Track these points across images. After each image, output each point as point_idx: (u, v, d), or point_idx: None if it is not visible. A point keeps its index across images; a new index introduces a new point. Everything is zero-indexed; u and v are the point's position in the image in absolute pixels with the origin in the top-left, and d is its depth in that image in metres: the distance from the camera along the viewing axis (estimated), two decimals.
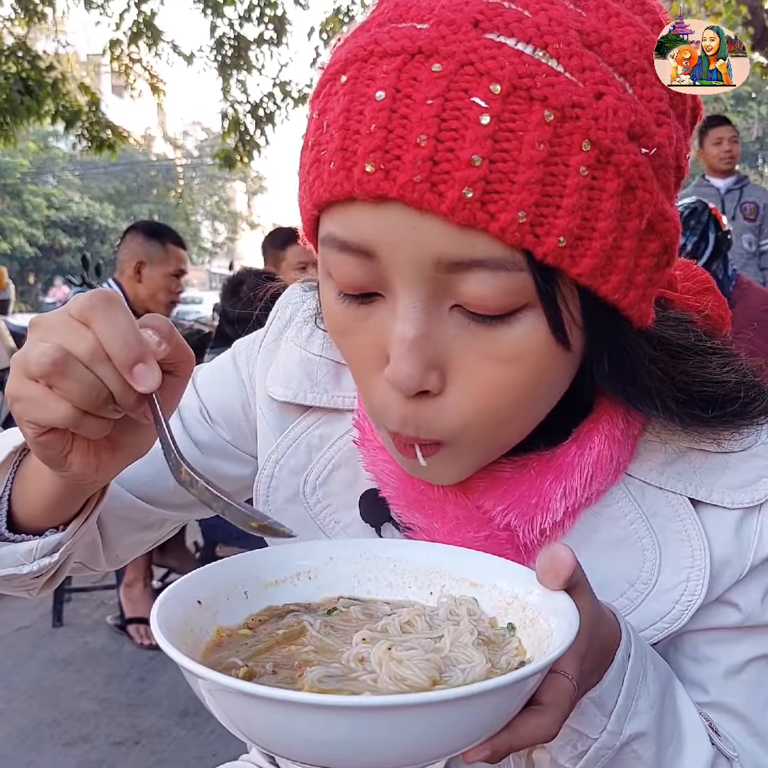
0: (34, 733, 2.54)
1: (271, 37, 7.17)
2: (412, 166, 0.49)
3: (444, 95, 0.49)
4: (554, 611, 0.52)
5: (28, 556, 0.64)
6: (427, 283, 0.53)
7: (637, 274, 0.55)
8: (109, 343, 0.50)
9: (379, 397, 0.58)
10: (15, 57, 6.49)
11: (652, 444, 0.68)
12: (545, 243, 0.50)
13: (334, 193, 0.52)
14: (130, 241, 3.11)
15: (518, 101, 0.49)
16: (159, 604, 0.51)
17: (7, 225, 25.67)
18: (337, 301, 0.58)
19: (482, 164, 0.48)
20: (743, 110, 24.51)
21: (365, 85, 0.51)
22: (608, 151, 0.50)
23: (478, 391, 0.56)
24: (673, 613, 0.66)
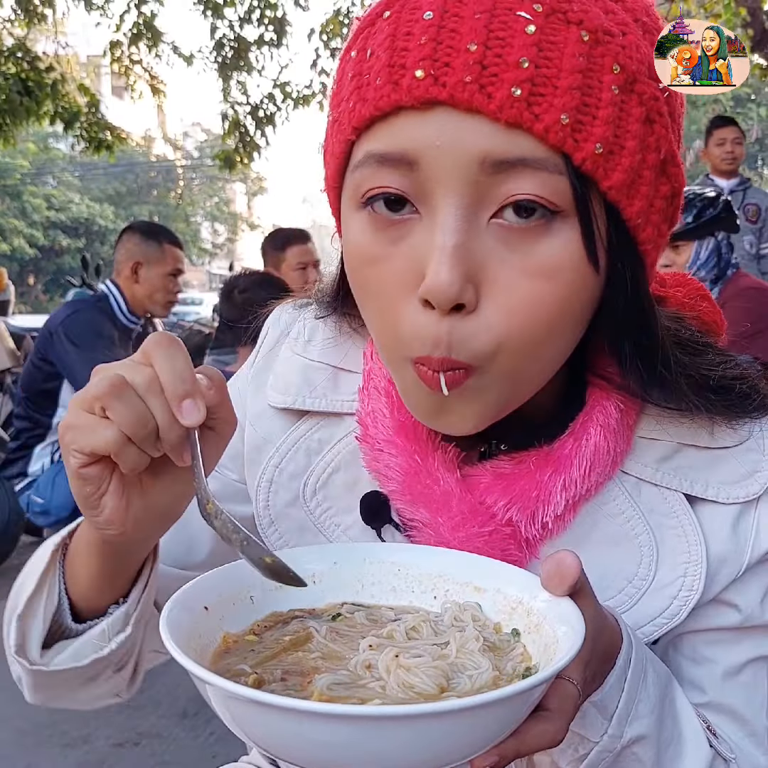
0: (34, 734, 2.54)
1: (271, 38, 7.18)
2: (462, 69, 0.52)
3: (491, 11, 0.53)
4: (559, 617, 0.52)
5: (103, 638, 0.66)
6: (470, 188, 0.54)
7: (653, 212, 0.58)
8: (164, 376, 0.53)
9: (409, 322, 0.58)
10: (15, 58, 6.49)
11: (647, 441, 0.69)
12: (584, 148, 0.53)
13: (380, 107, 0.54)
14: (127, 241, 3.12)
15: (557, 21, 0.53)
16: (167, 611, 0.51)
17: (6, 226, 25.67)
18: (369, 230, 0.58)
19: (529, 66, 0.52)
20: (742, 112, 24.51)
21: (410, 13, 0.55)
22: (633, 78, 0.55)
23: (513, 307, 0.56)
24: (671, 609, 0.67)
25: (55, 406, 2.99)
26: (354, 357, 0.76)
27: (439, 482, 0.67)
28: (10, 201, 26.40)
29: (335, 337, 0.78)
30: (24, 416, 3.03)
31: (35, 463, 3.01)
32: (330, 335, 0.78)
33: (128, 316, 3.07)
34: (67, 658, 0.66)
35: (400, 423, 0.69)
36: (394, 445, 0.69)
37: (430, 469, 0.68)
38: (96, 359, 2.83)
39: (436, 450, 0.69)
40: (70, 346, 2.87)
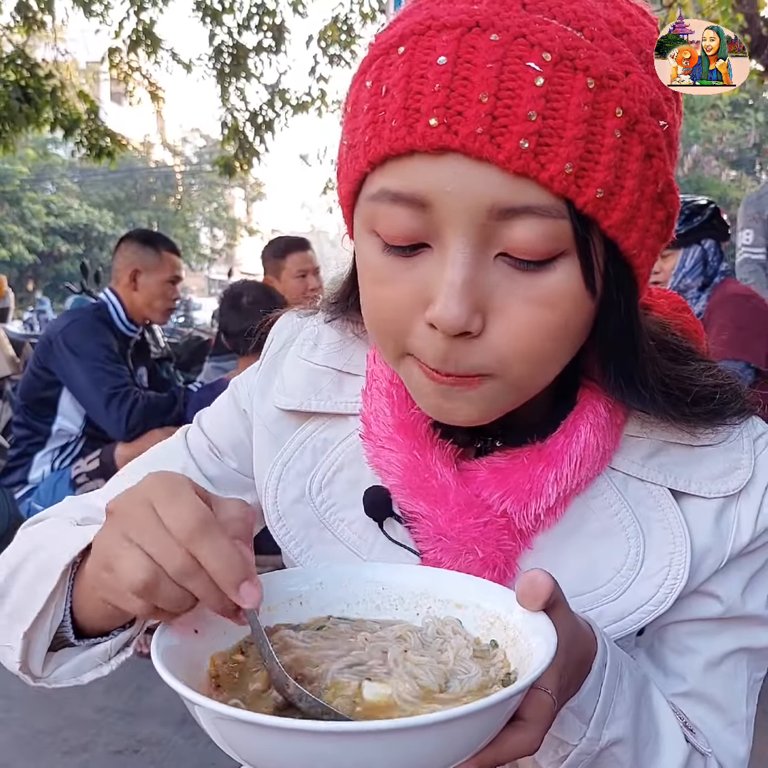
0: (34, 741, 2.53)
1: (270, 45, 7.18)
2: (474, 120, 0.54)
3: (502, 60, 0.55)
4: (534, 631, 0.55)
5: (104, 656, 0.68)
6: (478, 230, 0.57)
7: (648, 237, 0.62)
8: (212, 565, 0.52)
9: (416, 337, 0.62)
10: (14, 65, 6.48)
11: (634, 439, 0.73)
12: (586, 194, 0.56)
13: (395, 148, 0.57)
14: (125, 249, 3.12)
15: (565, 69, 0.55)
16: (158, 634, 0.52)
17: (6, 232, 25.70)
18: (382, 254, 0.62)
19: (537, 119, 0.54)
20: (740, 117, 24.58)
21: (425, 53, 0.57)
22: (635, 119, 0.57)
23: (516, 332, 0.60)
24: (658, 596, 0.70)
25: (54, 413, 2.99)
26: (357, 361, 0.80)
27: (436, 476, 0.71)
28: (9, 207, 26.43)
29: (339, 342, 0.81)
30: (23, 424, 3.03)
31: (35, 471, 3.00)
32: (334, 340, 0.82)
33: (127, 325, 3.07)
34: (67, 673, 0.69)
35: (400, 421, 0.73)
36: (394, 442, 0.73)
37: (428, 464, 0.72)
38: (95, 367, 2.85)
39: (434, 446, 0.73)
40: (69, 354, 2.87)
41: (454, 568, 0.70)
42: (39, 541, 0.74)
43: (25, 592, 0.69)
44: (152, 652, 0.49)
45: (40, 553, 0.71)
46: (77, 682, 0.69)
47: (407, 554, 0.73)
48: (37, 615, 0.66)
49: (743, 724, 0.76)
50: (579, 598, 0.70)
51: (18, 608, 0.69)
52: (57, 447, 2.99)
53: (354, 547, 0.75)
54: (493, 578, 0.70)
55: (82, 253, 26.80)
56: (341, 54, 7.27)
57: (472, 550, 0.70)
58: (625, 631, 0.71)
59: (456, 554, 0.70)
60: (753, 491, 0.71)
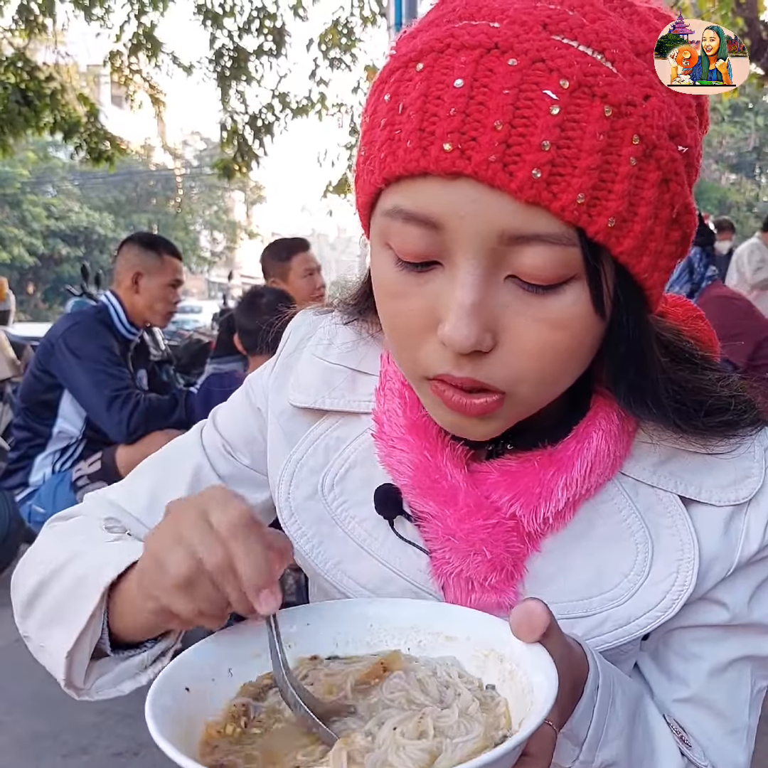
0: (34, 744, 2.53)
1: (270, 48, 7.19)
2: (488, 147, 0.54)
3: (518, 86, 0.54)
4: (532, 665, 0.54)
5: (141, 666, 0.71)
6: (488, 254, 0.58)
7: (661, 258, 0.61)
8: (242, 565, 0.55)
9: (428, 354, 0.63)
10: (14, 67, 6.50)
11: (645, 445, 0.73)
12: (597, 222, 0.56)
13: (409, 169, 0.57)
14: (127, 252, 3.12)
15: (582, 96, 0.54)
16: (151, 698, 0.52)
17: (6, 235, 25.71)
18: (395, 268, 0.62)
19: (550, 149, 0.54)
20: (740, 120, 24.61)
21: (443, 73, 0.57)
22: (653, 146, 0.56)
23: (526, 352, 0.61)
24: (664, 602, 0.70)
25: (55, 416, 2.99)
26: (371, 360, 0.81)
27: (447, 477, 0.71)
28: (9, 210, 26.44)
29: (354, 341, 0.82)
30: (23, 426, 3.03)
31: (36, 473, 3.00)
32: (349, 340, 0.83)
33: (128, 327, 3.07)
34: (107, 683, 0.72)
35: (412, 422, 0.74)
36: (406, 442, 0.74)
37: (438, 464, 0.72)
38: (97, 370, 2.85)
39: (445, 447, 0.73)
40: (71, 357, 2.87)
41: (462, 567, 0.70)
42: (73, 548, 0.76)
43: (61, 605, 0.72)
44: (147, 719, 0.49)
45: (77, 563, 0.73)
46: (117, 692, 0.72)
47: (417, 552, 0.73)
48: (79, 634, 0.68)
49: (744, 732, 0.76)
50: (586, 601, 0.70)
51: (54, 616, 0.72)
52: (58, 449, 2.98)
53: (364, 545, 0.76)
54: (500, 579, 0.70)
55: (83, 256, 26.81)
56: (342, 57, 7.29)
57: (480, 551, 0.70)
58: (631, 636, 0.71)
59: (464, 555, 0.70)
60: (763, 500, 0.71)
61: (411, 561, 0.74)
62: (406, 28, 0.64)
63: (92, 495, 0.89)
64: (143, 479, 0.88)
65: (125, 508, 0.85)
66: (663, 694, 0.76)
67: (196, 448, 0.88)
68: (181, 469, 0.86)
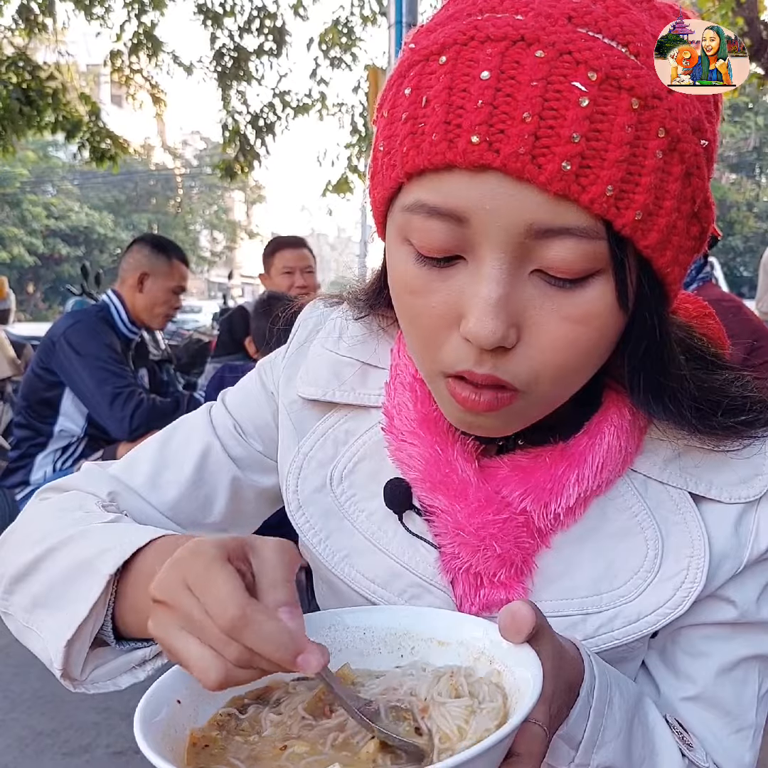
0: (34, 743, 2.53)
1: (271, 48, 7.20)
2: (516, 139, 0.53)
3: (546, 78, 0.54)
4: (517, 663, 0.54)
5: (140, 661, 0.68)
6: (515, 248, 0.57)
7: (682, 253, 0.61)
8: (263, 651, 0.49)
9: (450, 351, 0.62)
10: (15, 67, 6.50)
11: (656, 441, 0.73)
12: (625, 215, 0.55)
13: (434, 162, 0.56)
14: (137, 252, 3.13)
15: (610, 89, 0.54)
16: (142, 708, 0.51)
17: (6, 234, 25.71)
18: (416, 264, 0.61)
19: (580, 141, 0.53)
20: (740, 120, 24.60)
21: (468, 66, 0.56)
22: (677, 139, 0.56)
23: (550, 346, 0.60)
24: (674, 599, 0.70)
25: (56, 414, 2.99)
26: (382, 353, 0.81)
27: (457, 471, 0.71)
28: (9, 209, 26.44)
29: (365, 334, 0.82)
30: (24, 425, 3.03)
31: (37, 472, 3.00)
32: (359, 333, 0.82)
33: (129, 326, 3.08)
34: (104, 676, 0.69)
35: (422, 416, 0.74)
36: (416, 436, 0.73)
37: (449, 458, 0.72)
38: (99, 367, 2.85)
39: (456, 442, 0.73)
40: (73, 354, 2.87)
41: (471, 562, 0.70)
42: (70, 526, 0.72)
43: (59, 587, 0.69)
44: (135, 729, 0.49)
45: (75, 544, 0.70)
46: (114, 686, 0.69)
47: (426, 547, 0.73)
48: (81, 623, 0.65)
49: (751, 731, 0.75)
50: (596, 598, 0.70)
51: (49, 599, 0.69)
52: (59, 448, 2.99)
53: (373, 539, 0.75)
54: (510, 575, 0.70)
55: (83, 255, 26.81)
56: (342, 57, 7.30)
57: (490, 546, 0.70)
58: (640, 633, 0.70)
59: (474, 549, 0.70)
60: None
61: (420, 555, 0.73)
62: (422, 24, 0.63)
63: (92, 466, 0.87)
64: (147, 454, 0.86)
65: (126, 481, 0.83)
66: (670, 691, 0.76)
67: (206, 428, 0.87)
68: (187, 448, 0.86)
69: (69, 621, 0.66)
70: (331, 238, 58.29)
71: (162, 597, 0.53)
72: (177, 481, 0.83)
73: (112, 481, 0.83)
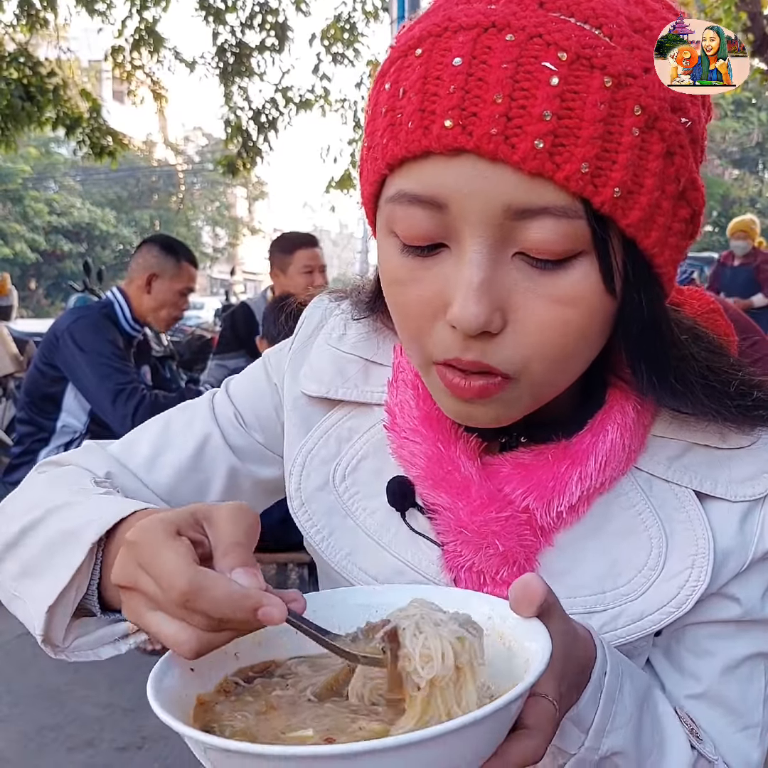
0: (38, 738, 2.54)
1: (273, 43, 7.19)
2: (488, 120, 0.54)
3: (517, 60, 0.55)
4: (527, 636, 0.54)
5: (124, 634, 0.68)
6: (495, 230, 0.57)
7: (671, 235, 0.61)
8: (221, 615, 0.50)
9: (438, 339, 0.62)
10: (16, 63, 6.50)
11: (660, 439, 0.72)
12: (602, 193, 0.56)
13: (411, 149, 0.57)
14: (147, 252, 3.13)
15: (581, 68, 0.55)
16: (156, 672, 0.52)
17: (8, 230, 25.71)
18: (401, 255, 0.62)
19: (551, 119, 0.54)
20: (743, 116, 24.53)
21: (441, 55, 0.57)
22: (655, 117, 0.57)
23: (537, 330, 0.60)
24: (679, 598, 0.70)
25: (59, 410, 3.00)
26: (385, 351, 0.81)
27: (459, 469, 0.71)
28: (11, 205, 26.45)
29: (368, 331, 0.82)
30: (27, 420, 3.04)
31: None
32: (363, 330, 0.82)
33: (132, 324, 3.08)
34: (86, 645, 0.68)
35: (425, 413, 0.74)
36: (419, 434, 0.73)
37: (452, 456, 0.72)
38: (102, 363, 2.86)
39: (458, 439, 0.73)
40: (76, 350, 2.88)
41: (474, 560, 0.70)
42: (60, 497, 0.72)
43: (44, 555, 0.68)
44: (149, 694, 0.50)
45: (63, 514, 0.70)
46: (95, 656, 0.69)
47: (428, 545, 0.73)
48: (62, 591, 0.65)
49: (757, 730, 0.75)
50: (600, 596, 0.70)
51: (35, 566, 0.69)
52: (61, 444, 2.99)
53: (375, 536, 0.75)
54: (512, 573, 0.70)
55: (85, 251, 26.80)
56: (344, 52, 7.29)
57: (493, 543, 0.69)
58: (644, 632, 0.70)
59: (476, 547, 0.70)
60: None
61: (422, 553, 0.73)
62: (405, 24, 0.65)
63: (92, 444, 0.86)
64: (147, 436, 0.87)
65: (124, 461, 0.83)
66: (675, 689, 0.75)
67: (207, 415, 0.87)
68: (187, 433, 0.86)
69: (52, 587, 0.65)
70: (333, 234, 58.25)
71: (123, 582, 0.54)
72: (174, 465, 0.84)
73: (110, 459, 0.83)
